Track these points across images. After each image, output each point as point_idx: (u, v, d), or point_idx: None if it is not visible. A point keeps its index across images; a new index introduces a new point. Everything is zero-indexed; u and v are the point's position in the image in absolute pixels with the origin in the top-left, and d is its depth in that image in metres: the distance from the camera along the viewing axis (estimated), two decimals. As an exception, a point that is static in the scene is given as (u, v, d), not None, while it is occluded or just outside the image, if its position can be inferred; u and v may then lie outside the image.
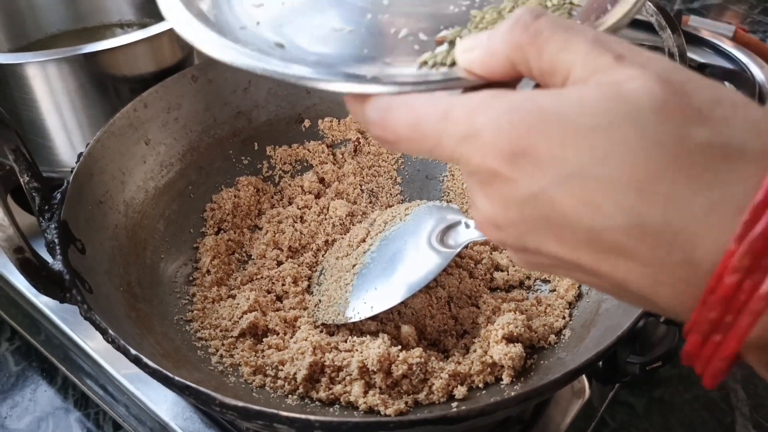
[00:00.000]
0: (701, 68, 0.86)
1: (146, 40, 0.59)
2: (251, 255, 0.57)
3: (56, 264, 0.40)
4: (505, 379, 0.44)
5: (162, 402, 0.51)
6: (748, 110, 0.22)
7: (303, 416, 0.33)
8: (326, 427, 0.33)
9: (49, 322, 0.57)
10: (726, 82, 0.85)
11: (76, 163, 0.49)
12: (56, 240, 0.42)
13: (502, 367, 0.44)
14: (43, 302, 0.58)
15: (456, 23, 0.36)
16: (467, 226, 0.50)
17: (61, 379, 0.62)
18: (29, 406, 0.60)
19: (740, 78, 0.85)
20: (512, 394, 0.37)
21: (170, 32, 0.61)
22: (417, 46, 0.35)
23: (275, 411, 0.33)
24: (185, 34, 0.36)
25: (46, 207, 0.44)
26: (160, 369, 0.35)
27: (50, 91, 0.59)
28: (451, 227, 0.50)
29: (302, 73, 0.32)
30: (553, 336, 0.48)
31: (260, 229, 0.59)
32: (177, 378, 0.34)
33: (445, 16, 0.37)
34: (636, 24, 0.95)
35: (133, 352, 0.36)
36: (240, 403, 0.33)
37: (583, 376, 0.54)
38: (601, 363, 0.53)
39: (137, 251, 0.51)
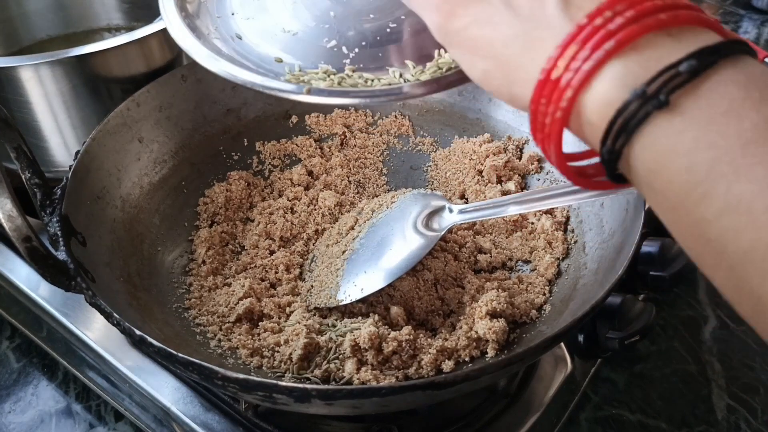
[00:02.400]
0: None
1: (136, 41, 0.61)
2: (244, 246, 0.59)
3: (60, 254, 0.42)
4: (490, 353, 0.47)
5: (163, 389, 0.53)
6: None
7: (300, 385, 0.35)
8: (323, 395, 0.35)
9: (51, 318, 0.59)
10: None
11: (74, 160, 0.51)
12: (59, 233, 0.44)
13: (487, 341, 0.47)
14: (44, 299, 0.60)
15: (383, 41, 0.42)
16: (450, 210, 0.52)
17: (62, 374, 0.64)
18: (32, 401, 0.62)
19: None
20: (496, 363, 0.40)
21: (159, 34, 0.63)
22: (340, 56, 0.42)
23: (275, 382, 0.35)
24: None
25: (48, 202, 0.46)
26: (165, 347, 0.37)
27: (44, 94, 0.61)
28: (435, 212, 0.53)
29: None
30: (534, 311, 0.50)
31: (252, 221, 0.61)
32: (180, 355, 0.36)
33: (373, 34, 0.43)
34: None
35: (138, 333, 0.38)
36: (241, 376, 0.35)
37: (566, 352, 0.57)
38: (582, 339, 0.56)
39: (135, 244, 0.53)
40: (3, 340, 0.67)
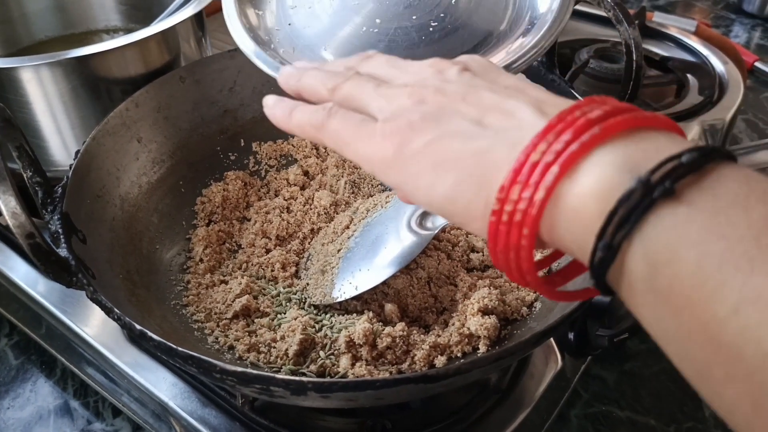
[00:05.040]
0: (664, 61, 0.91)
1: (135, 43, 0.62)
2: (241, 244, 0.60)
3: (62, 251, 0.43)
4: (482, 348, 0.48)
5: (161, 384, 0.54)
6: None
7: (297, 378, 0.36)
8: (318, 387, 0.36)
9: (51, 315, 0.60)
10: (688, 74, 0.89)
11: (74, 159, 0.52)
12: (60, 230, 0.45)
13: (479, 337, 0.48)
14: (43, 296, 0.61)
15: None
16: (444, 210, 0.53)
17: (60, 371, 0.65)
18: (30, 397, 0.63)
19: (701, 70, 0.89)
20: (487, 358, 0.41)
21: (158, 36, 0.64)
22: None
23: (271, 374, 0.36)
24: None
25: (49, 200, 0.47)
26: (165, 341, 0.38)
27: (44, 94, 0.62)
28: (429, 212, 0.54)
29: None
30: (525, 308, 0.52)
31: (249, 220, 0.62)
32: (180, 349, 0.37)
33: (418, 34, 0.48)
34: (600, 20, 1.00)
35: (138, 327, 0.39)
36: (239, 369, 0.36)
37: (557, 349, 0.58)
38: (572, 337, 0.57)
39: (134, 242, 0.54)
40: (1, 337, 0.68)
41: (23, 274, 0.63)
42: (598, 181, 0.25)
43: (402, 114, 0.31)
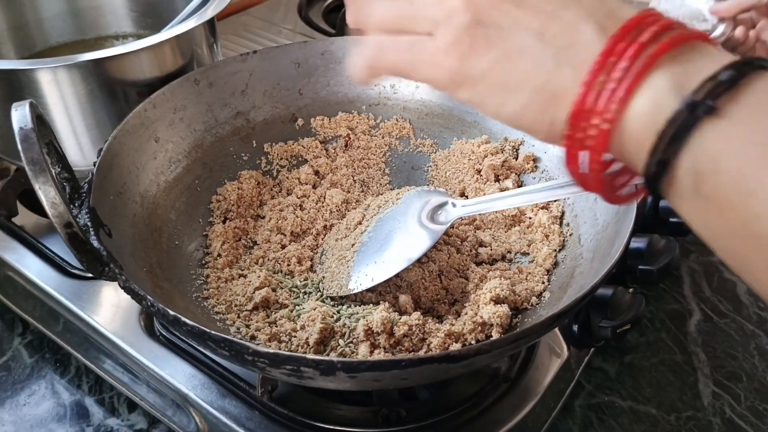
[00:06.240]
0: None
1: (151, 47, 0.64)
2: (256, 240, 0.61)
3: (93, 242, 0.45)
4: (495, 336, 0.50)
5: (179, 376, 0.55)
6: None
7: (326, 358, 0.38)
8: (347, 366, 0.38)
9: (68, 311, 0.61)
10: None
11: (98, 157, 0.53)
12: (89, 224, 0.47)
13: (492, 325, 0.50)
14: (60, 293, 0.62)
15: None
16: (454, 205, 0.56)
17: (75, 368, 0.66)
18: (46, 394, 0.64)
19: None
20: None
21: (172, 40, 0.66)
22: None
23: (302, 355, 0.38)
24: None
25: (76, 195, 0.49)
26: (198, 326, 0.39)
27: (61, 96, 0.63)
28: (439, 207, 0.56)
29: None
30: (534, 298, 0.54)
31: (263, 217, 0.64)
32: (214, 332, 0.39)
33: None
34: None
35: (171, 313, 0.40)
36: (271, 351, 0.38)
37: (562, 340, 0.60)
38: (577, 329, 0.59)
39: (154, 237, 0.56)
40: (15, 336, 0.69)
41: (39, 272, 0.65)
42: (649, 105, 0.28)
43: (458, 26, 0.31)
